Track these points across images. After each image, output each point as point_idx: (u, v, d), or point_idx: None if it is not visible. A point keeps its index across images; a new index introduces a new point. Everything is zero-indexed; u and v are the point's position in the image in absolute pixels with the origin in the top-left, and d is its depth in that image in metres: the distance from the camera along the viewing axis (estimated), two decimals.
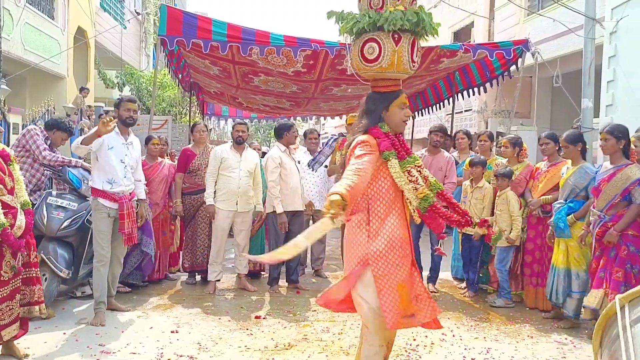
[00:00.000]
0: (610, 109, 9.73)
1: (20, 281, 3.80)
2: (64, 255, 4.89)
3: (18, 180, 3.87)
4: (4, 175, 3.73)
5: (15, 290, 3.75)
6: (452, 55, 7.82)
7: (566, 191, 4.99)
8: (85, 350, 4.05)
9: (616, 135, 4.46)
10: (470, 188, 5.97)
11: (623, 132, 4.49)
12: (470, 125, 14.95)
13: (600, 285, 4.41)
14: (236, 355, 4.07)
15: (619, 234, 4.34)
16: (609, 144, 4.49)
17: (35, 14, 13.26)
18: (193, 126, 6.80)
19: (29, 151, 5.27)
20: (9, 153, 3.91)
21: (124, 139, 4.88)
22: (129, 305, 5.24)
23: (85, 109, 14.24)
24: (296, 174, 6.04)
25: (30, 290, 3.89)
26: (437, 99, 10.62)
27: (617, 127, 4.54)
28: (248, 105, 11.45)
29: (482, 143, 6.41)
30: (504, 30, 14.06)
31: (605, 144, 4.50)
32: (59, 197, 5.10)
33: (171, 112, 16.25)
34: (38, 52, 13.15)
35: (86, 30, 16.05)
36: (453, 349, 4.31)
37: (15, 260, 3.70)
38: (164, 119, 12.70)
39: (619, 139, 4.46)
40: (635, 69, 9.12)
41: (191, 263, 6.27)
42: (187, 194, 6.23)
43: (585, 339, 4.63)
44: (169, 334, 4.47)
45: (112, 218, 4.76)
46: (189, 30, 6.72)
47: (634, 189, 4.34)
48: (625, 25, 9.38)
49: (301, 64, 7.66)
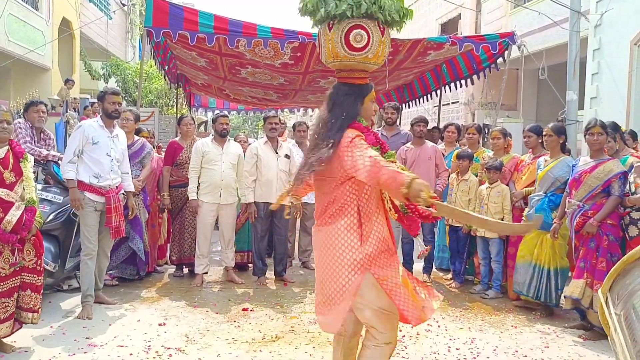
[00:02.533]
0: (595, 102, 9.85)
1: (20, 281, 3.81)
2: (50, 249, 4.87)
3: (27, 178, 3.89)
4: (4, 170, 3.75)
5: (14, 289, 3.77)
6: (439, 48, 7.86)
7: (546, 183, 5.07)
8: (72, 343, 4.05)
9: (607, 132, 4.61)
10: (456, 181, 6.02)
11: (612, 128, 4.64)
12: (457, 118, 15.04)
13: (581, 276, 4.51)
14: (223, 347, 4.09)
15: (599, 224, 4.46)
16: (602, 138, 4.60)
17: (20, 5, 13.10)
18: (180, 119, 6.78)
19: None
20: (24, 150, 3.99)
21: (109, 132, 4.86)
22: (116, 298, 5.24)
23: (71, 100, 14.09)
24: (274, 166, 5.99)
25: (28, 295, 3.87)
26: (424, 91, 10.67)
27: (607, 123, 4.67)
28: (235, 97, 11.43)
29: (471, 136, 6.45)
30: (490, 22, 14.14)
31: (599, 138, 4.60)
32: (44, 190, 5.07)
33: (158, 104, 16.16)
34: (22, 44, 13.01)
35: (71, 21, 15.89)
36: (438, 339, 4.37)
37: (14, 257, 3.70)
38: (150, 111, 12.60)
39: (607, 135, 4.61)
40: (619, 61, 9.24)
41: (179, 256, 6.27)
42: (174, 187, 6.22)
43: (568, 329, 4.72)
44: (156, 327, 4.49)
45: (99, 212, 4.76)
46: (175, 21, 6.69)
47: (614, 181, 4.47)
48: (609, 18, 9.49)
49: (288, 56, 7.66)
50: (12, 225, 3.70)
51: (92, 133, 4.73)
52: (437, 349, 4.16)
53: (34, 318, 3.91)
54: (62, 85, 14.53)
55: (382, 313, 2.73)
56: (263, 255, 6.09)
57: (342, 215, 2.75)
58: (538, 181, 5.19)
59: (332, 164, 2.72)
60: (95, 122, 4.86)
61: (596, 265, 4.46)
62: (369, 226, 2.74)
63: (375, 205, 2.80)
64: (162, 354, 3.91)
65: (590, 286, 4.44)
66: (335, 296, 2.74)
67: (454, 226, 6.04)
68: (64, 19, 15.53)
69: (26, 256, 3.85)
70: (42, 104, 5.61)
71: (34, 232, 3.87)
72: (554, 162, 5.06)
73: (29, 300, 3.87)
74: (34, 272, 3.89)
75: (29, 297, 3.86)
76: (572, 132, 8.20)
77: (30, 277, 3.87)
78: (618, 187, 4.46)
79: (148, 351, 3.96)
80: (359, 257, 2.70)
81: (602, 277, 4.29)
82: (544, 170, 5.10)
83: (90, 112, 11.64)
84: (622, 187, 4.46)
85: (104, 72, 18.28)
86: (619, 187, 4.46)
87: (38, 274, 3.92)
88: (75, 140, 4.70)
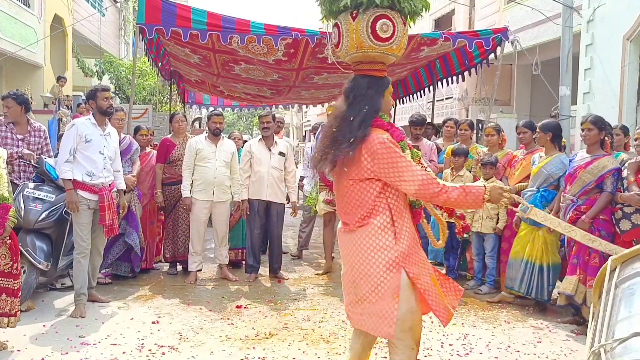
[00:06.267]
0: (588, 97, 9.86)
1: None
2: (42, 248, 4.85)
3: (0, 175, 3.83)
4: None
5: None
6: (432, 44, 7.83)
7: (539, 179, 5.08)
8: (65, 342, 4.04)
9: (599, 126, 4.61)
10: (450, 177, 6.03)
11: (605, 123, 4.65)
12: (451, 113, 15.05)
13: (574, 272, 4.53)
14: (217, 344, 4.09)
15: (590, 221, 4.48)
16: (592, 134, 4.61)
17: (11, 2, 12.99)
18: (171, 116, 6.77)
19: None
20: None
21: (101, 130, 4.84)
22: (109, 296, 5.23)
23: (64, 98, 14.03)
24: (265, 163, 6.02)
25: (3, 300, 3.81)
26: (417, 86, 10.65)
27: (599, 118, 4.68)
28: (229, 94, 11.38)
29: (463, 132, 6.48)
30: (484, 18, 14.15)
31: (588, 134, 4.61)
32: (36, 188, 5.04)
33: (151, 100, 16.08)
34: (14, 41, 12.90)
35: (63, 18, 15.77)
36: (431, 335, 4.38)
37: None
38: (144, 108, 12.58)
39: (600, 129, 4.61)
40: (611, 56, 9.25)
41: (172, 253, 6.26)
42: (167, 185, 6.21)
43: (561, 324, 4.73)
44: (149, 325, 4.48)
45: (92, 210, 4.74)
46: (168, 18, 6.64)
47: (608, 177, 4.49)
48: (601, 13, 9.50)
49: (282, 52, 7.63)
50: None
51: (85, 131, 4.71)
52: (430, 344, 4.18)
53: (10, 322, 3.85)
54: (54, 83, 14.43)
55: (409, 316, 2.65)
56: (257, 253, 6.09)
57: (374, 215, 2.67)
58: (532, 177, 5.20)
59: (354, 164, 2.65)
60: (87, 121, 4.84)
61: (589, 261, 4.47)
62: (401, 223, 2.69)
63: (404, 201, 2.76)
64: (155, 352, 3.90)
65: (583, 282, 4.46)
66: (369, 295, 2.65)
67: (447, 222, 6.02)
68: (56, 16, 15.42)
69: (1, 260, 3.79)
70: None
71: (9, 232, 3.79)
72: (548, 158, 5.08)
73: (5, 304, 3.81)
74: (10, 275, 3.82)
75: (4, 301, 3.80)
76: (565, 127, 8.21)
77: (5, 281, 3.81)
78: (610, 184, 4.48)
79: (141, 349, 3.95)
80: (394, 255, 2.63)
81: (595, 273, 4.30)
82: (537, 166, 5.12)
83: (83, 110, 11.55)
84: (615, 183, 4.47)
85: (97, 69, 18.18)
86: (612, 184, 4.47)
87: (14, 278, 3.85)
88: (70, 139, 4.67)
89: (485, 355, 4.05)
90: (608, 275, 2.61)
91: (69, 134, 4.71)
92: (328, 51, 6.93)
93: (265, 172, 5.98)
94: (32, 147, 5.34)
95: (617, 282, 2.48)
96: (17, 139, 5.26)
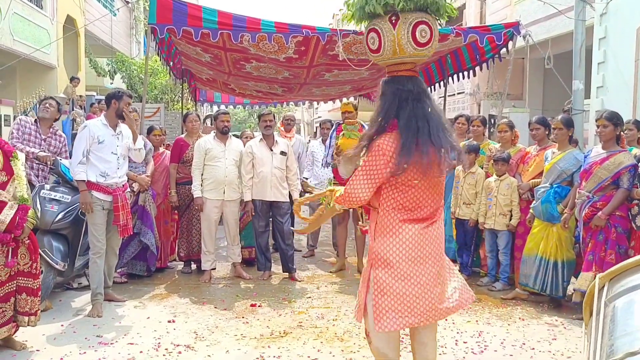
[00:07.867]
0: (601, 91, 9.77)
1: (16, 286, 3.83)
2: (59, 248, 4.91)
3: (18, 176, 3.88)
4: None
5: (10, 293, 3.80)
6: (443, 39, 7.78)
7: (553, 175, 5.05)
8: (83, 341, 4.10)
9: (614, 122, 4.58)
10: (462, 173, 6.01)
11: (620, 119, 4.61)
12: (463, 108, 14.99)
13: (590, 268, 4.51)
14: (232, 343, 4.13)
15: (607, 217, 4.44)
16: (608, 130, 4.57)
17: (24, 4, 13.11)
18: (185, 116, 6.80)
19: None
20: (12, 148, 3.97)
21: (113, 131, 4.88)
22: (125, 295, 5.28)
23: (77, 98, 14.15)
24: (268, 163, 5.99)
25: (24, 299, 3.88)
26: (428, 82, 10.59)
27: (615, 114, 4.65)
28: (240, 92, 11.41)
29: (475, 128, 6.44)
30: (495, 12, 14.05)
31: (604, 130, 4.58)
32: (52, 190, 5.11)
33: (163, 99, 16.17)
34: (27, 43, 13.02)
35: (75, 19, 15.89)
36: (445, 332, 4.38)
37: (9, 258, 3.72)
38: (156, 107, 12.64)
39: (616, 125, 4.58)
40: (624, 50, 9.15)
41: (187, 252, 6.31)
42: (181, 184, 6.24)
43: (576, 321, 4.71)
44: (165, 324, 4.53)
45: (106, 210, 4.79)
46: (179, 18, 6.67)
47: (624, 174, 4.45)
48: (615, 6, 9.40)
49: (293, 50, 7.64)
50: (6, 225, 3.70)
51: (98, 132, 4.76)
52: (445, 342, 4.18)
53: (31, 321, 3.92)
54: (67, 84, 14.57)
55: None
56: (265, 251, 6.12)
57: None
58: (545, 173, 5.17)
59: None
60: (99, 122, 4.91)
61: (605, 257, 4.45)
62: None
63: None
64: (172, 351, 3.95)
65: None
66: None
67: (460, 219, 6.04)
68: (69, 17, 15.54)
69: (21, 260, 3.85)
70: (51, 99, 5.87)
71: (27, 233, 3.85)
72: (561, 154, 5.04)
73: (25, 304, 3.87)
74: (30, 275, 3.89)
75: (24, 300, 3.87)
76: (578, 121, 8.16)
77: (25, 280, 3.88)
78: (627, 180, 4.44)
79: (158, 348, 4.00)
80: None
81: None
82: (551, 162, 5.08)
83: (96, 110, 11.67)
84: (631, 179, 4.44)
85: (110, 69, 18.31)
86: (628, 180, 4.44)
87: (34, 277, 3.92)
88: (83, 140, 4.73)
89: (500, 352, 4.04)
90: (597, 293, 2.60)
91: (82, 136, 4.77)
92: (339, 48, 6.93)
93: (268, 173, 5.98)
94: (52, 148, 5.57)
95: (607, 301, 2.49)
96: (40, 138, 5.52)
